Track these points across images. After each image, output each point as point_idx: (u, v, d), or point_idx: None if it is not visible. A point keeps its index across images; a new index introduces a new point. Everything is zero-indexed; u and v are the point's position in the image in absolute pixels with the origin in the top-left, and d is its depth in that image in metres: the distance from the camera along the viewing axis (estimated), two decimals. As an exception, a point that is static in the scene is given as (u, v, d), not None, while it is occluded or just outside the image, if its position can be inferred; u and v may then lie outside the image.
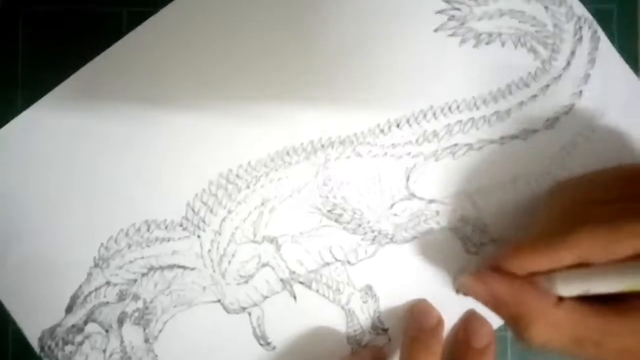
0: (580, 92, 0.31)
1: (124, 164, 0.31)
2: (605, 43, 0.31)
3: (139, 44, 0.31)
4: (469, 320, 0.29)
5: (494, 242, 0.30)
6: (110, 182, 0.31)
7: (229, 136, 0.31)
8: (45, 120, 0.31)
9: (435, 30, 0.31)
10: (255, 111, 0.30)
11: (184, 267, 0.30)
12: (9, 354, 0.31)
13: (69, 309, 0.30)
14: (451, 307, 0.30)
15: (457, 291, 0.29)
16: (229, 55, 0.31)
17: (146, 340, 0.30)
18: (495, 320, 0.30)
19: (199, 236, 0.30)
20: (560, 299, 0.25)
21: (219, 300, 0.30)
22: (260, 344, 0.30)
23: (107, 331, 0.30)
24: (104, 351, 0.30)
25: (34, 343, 0.30)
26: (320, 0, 0.31)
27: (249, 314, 0.30)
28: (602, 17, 0.31)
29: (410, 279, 0.30)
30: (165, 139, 0.30)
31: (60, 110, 0.30)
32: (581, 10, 0.31)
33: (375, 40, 0.31)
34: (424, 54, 0.31)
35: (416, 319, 0.29)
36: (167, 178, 0.31)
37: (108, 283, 0.30)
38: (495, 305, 0.26)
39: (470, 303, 0.30)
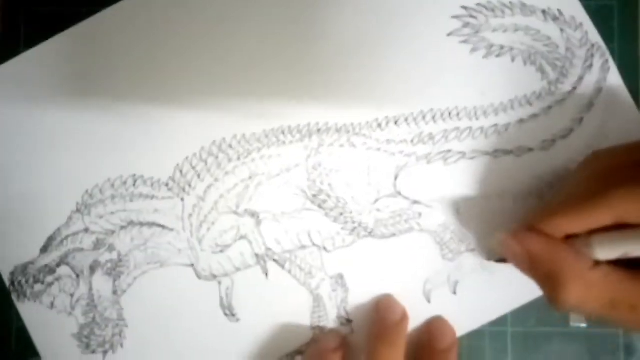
0: (582, 119, 0.30)
1: (121, 115, 0.31)
2: (614, 75, 0.31)
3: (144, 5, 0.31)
4: (433, 322, 0.29)
5: (471, 252, 0.30)
6: (105, 132, 0.31)
7: (228, 106, 0.31)
8: (47, 62, 0.31)
9: (449, 35, 0.31)
10: (257, 92, 0.31)
11: (163, 227, 0.31)
12: (11, 352, 0.32)
13: (44, 249, 0.31)
14: (418, 308, 0.30)
15: (488, 258, 0.30)
16: (232, 52, 0.31)
17: (114, 292, 0.31)
18: (462, 326, 0.30)
19: (182, 199, 0.31)
20: (597, 262, 0.24)
21: (191, 265, 0.31)
22: (225, 314, 0.31)
23: (77, 276, 0.31)
24: (72, 295, 0.31)
25: (5, 276, 0.31)
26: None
27: (219, 283, 0.31)
28: (603, 14, 0.31)
29: (382, 275, 0.31)
30: (166, 99, 0.31)
31: (62, 56, 0.31)
32: (596, 38, 0.31)
33: (386, 38, 0.31)
34: (433, 56, 0.31)
35: (381, 314, 0.29)
36: (161, 137, 0.31)
37: (86, 230, 0.31)
38: (530, 264, 0.26)
39: (437, 309, 0.30)
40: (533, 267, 0.26)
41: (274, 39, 0.31)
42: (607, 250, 0.24)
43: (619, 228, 0.24)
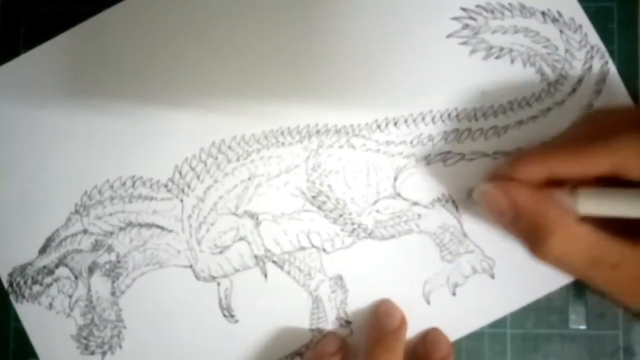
0: (581, 120, 0.30)
1: (121, 116, 0.31)
2: (614, 76, 0.31)
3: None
4: (428, 334, 0.29)
5: (470, 254, 0.30)
6: (105, 133, 0.31)
7: (227, 108, 0.31)
8: (47, 63, 0.31)
9: (448, 36, 0.31)
10: (256, 93, 0.31)
11: (162, 228, 0.31)
12: (9, 352, 0.31)
13: (43, 250, 0.31)
14: (417, 309, 0.30)
15: (466, 201, 0.30)
16: (231, 53, 0.31)
17: (113, 293, 0.31)
18: (461, 328, 0.30)
19: (181, 200, 0.31)
20: (582, 219, 0.24)
21: (190, 266, 0.31)
22: (224, 315, 0.31)
23: (76, 278, 0.31)
24: (70, 296, 0.30)
25: (4, 277, 0.31)
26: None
27: (218, 284, 0.31)
28: (602, 16, 0.31)
29: (381, 277, 0.31)
30: (165, 100, 0.31)
31: (62, 56, 0.31)
32: (595, 40, 0.31)
33: (385, 40, 0.31)
34: (433, 58, 0.31)
35: (379, 320, 0.29)
36: (160, 138, 0.31)
37: (85, 231, 0.31)
38: (515, 215, 0.25)
39: (437, 310, 0.30)
40: (517, 218, 0.25)
41: (274, 39, 0.31)
42: (592, 204, 0.24)
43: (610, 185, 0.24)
